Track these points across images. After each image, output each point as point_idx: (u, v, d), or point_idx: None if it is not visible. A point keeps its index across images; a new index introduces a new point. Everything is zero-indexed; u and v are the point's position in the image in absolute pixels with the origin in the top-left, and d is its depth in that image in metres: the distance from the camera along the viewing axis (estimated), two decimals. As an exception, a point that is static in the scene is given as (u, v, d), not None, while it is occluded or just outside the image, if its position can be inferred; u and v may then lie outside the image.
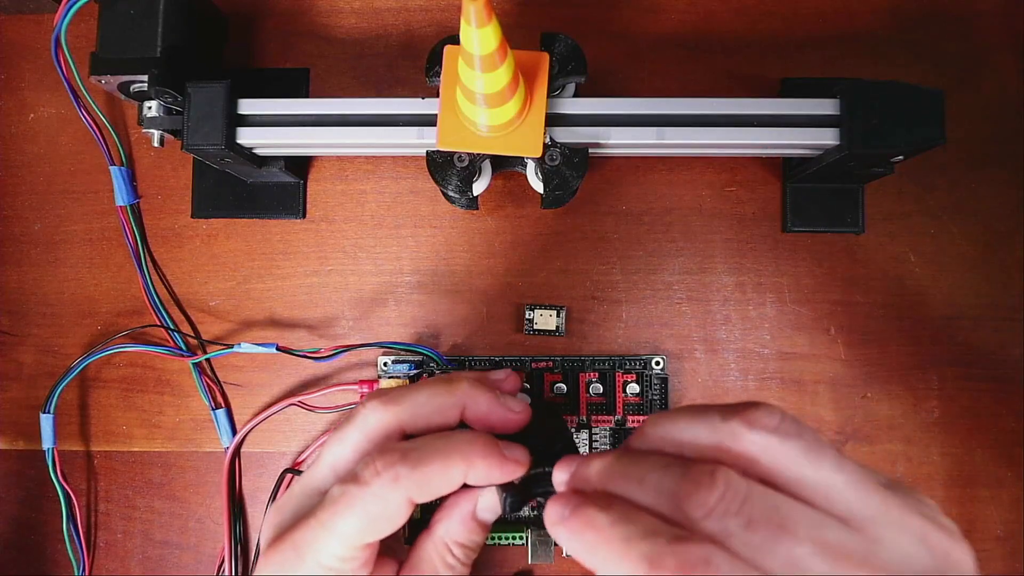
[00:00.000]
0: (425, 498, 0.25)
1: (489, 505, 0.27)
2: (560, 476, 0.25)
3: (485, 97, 0.32)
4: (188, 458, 0.43)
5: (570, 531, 0.22)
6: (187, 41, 0.38)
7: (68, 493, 0.42)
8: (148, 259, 0.43)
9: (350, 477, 0.25)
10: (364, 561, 0.25)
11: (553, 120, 0.36)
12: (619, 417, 0.41)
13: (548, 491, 0.26)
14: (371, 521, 0.24)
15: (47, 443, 0.42)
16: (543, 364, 0.41)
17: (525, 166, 0.40)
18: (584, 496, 0.23)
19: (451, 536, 0.27)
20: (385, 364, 0.42)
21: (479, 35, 0.29)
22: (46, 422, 0.42)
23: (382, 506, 0.24)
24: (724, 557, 0.19)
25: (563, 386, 0.41)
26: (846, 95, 0.35)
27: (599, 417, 0.41)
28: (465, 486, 0.25)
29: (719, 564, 0.19)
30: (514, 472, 0.26)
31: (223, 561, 0.42)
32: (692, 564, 0.19)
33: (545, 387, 0.41)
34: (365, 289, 0.43)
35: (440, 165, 0.36)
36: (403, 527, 0.26)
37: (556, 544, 0.40)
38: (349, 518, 0.24)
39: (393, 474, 0.24)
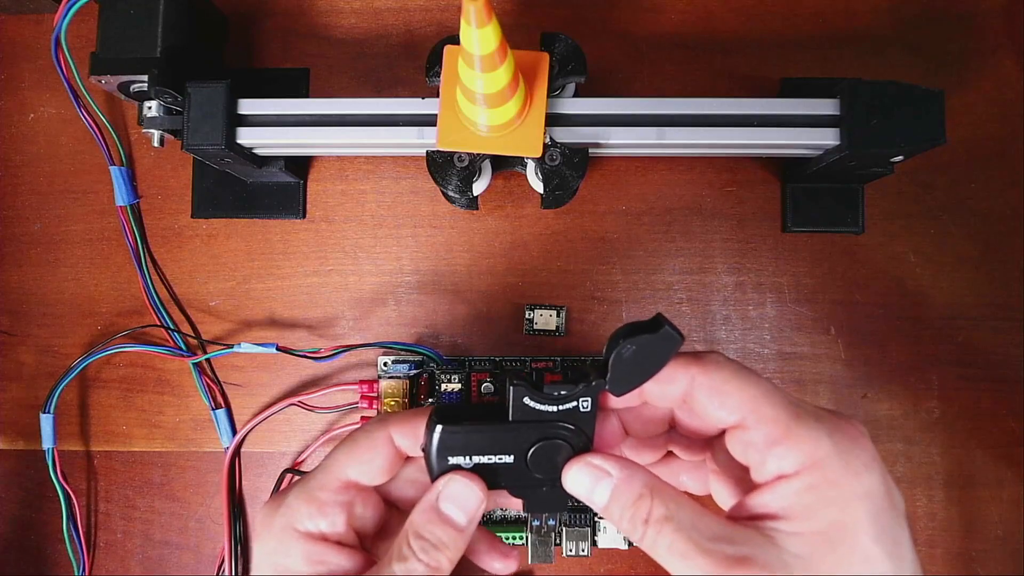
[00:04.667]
0: (406, 433, 0.28)
1: (453, 495, 0.27)
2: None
3: (485, 97, 0.32)
4: (188, 458, 0.43)
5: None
6: (187, 41, 0.38)
7: (68, 493, 0.42)
8: (148, 259, 0.43)
9: None
10: (342, 504, 0.27)
11: (553, 120, 0.36)
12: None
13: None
14: (356, 452, 0.28)
15: (47, 443, 0.42)
16: (543, 364, 0.41)
17: (525, 166, 0.40)
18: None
19: (412, 526, 0.27)
20: (385, 364, 0.42)
21: (479, 35, 0.29)
22: (46, 422, 0.42)
23: (368, 438, 0.28)
24: None
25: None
26: (846, 95, 0.35)
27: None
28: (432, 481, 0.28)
29: None
30: None
31: (223, 561, 0.42)
32: None
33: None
34: (365, 289, 0.43)
35: (440, 165, 0.36)
36: None
37: (556, 544, 0.40)
38: (341, 452, 0.28)
39: (382, 416, 0.29)
